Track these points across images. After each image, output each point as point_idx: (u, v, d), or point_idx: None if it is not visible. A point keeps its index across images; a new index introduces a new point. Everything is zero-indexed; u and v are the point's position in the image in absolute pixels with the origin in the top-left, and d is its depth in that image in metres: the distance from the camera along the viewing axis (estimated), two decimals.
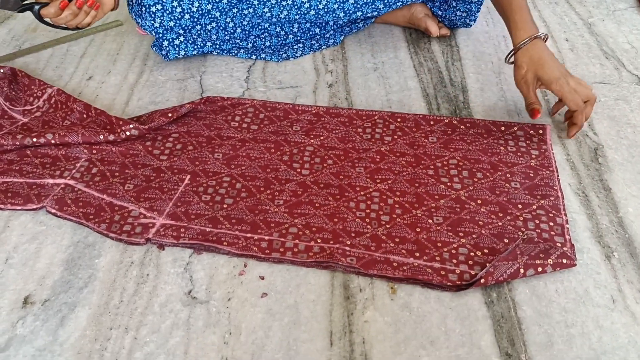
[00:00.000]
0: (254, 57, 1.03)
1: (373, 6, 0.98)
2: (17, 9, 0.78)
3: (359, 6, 0.98)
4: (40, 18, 0.80)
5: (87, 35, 1.10)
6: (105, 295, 0.64)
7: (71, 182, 0.76)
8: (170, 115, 0.85)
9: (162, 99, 0.93)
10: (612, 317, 0.61)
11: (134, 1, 0.94)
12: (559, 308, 0.62)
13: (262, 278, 0.66)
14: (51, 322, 0.61)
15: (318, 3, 0.97)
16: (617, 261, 0.67)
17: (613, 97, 0.92)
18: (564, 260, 0.65)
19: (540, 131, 0.85)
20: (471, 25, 1.06)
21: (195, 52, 0.99)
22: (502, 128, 0.86)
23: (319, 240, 0.69)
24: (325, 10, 0.98)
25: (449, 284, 0.64)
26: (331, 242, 0.69)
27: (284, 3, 0.96)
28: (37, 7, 0.78)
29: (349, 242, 0.69)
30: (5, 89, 0.88)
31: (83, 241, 0.70)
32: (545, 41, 0.83)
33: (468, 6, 1.03)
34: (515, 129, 0.85)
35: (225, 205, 0.74)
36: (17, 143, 0.80)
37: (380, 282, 0.65)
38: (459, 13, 1.04)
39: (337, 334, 0.60)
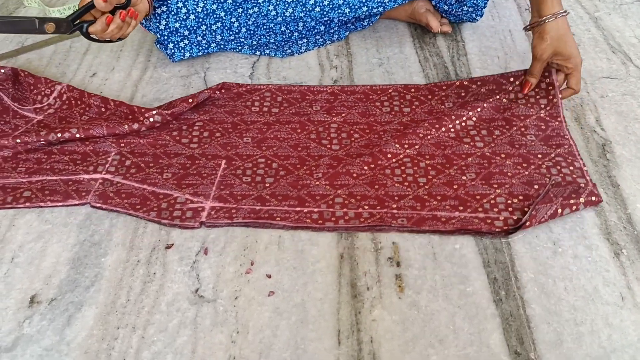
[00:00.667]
0: (257, 52, 1.02)
1: (378, 1, 0.97)
2: (69, 31, 0.80)
3: (364, 1, 0.97)
4: (87, 35, 0.81)
5: None
6: (112, 294, 0.64)
7: (108, 176, 0.77)
8: (190, 101, 0.87)
9: (167, 96, 0.93)
10: (621, 314, 0.61)
11: None
12: (568, 306, 0.62)
13: (269, 276, 0.65)
14: (58, 322, 0.61)
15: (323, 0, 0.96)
16: (626, 258, 0.67)
17: (620, 92, 0.92)
18: (593, 198, 0.71)
19: (546, 73, 0.87)
20: (477, 20, 1.06)
21: (200, 54, 0.99)
22: (511, 79, 0.89)
23: (366, 207, 0.72)
24: (331, 6, 0.97)
25: (497, 230, 0.69)
26: (378, 207, 0.72)
27: (289, 0, 0.95)
28: (85, 25, 0.80)
29: (394, 206, 0.72)
30: (10, 90, 0.88)
31: (89, 240, 0.70)
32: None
33: (475, 1, 1.02)
34: (523, 77, 0.88)
35: (267, 185, 0.76)
36: (42, 140, 0.80)
37: (388, 280, 0.65)
38: (465, 8, 1.03)
39: (345, 333, 0.60)
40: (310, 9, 0.97)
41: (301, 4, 0.96)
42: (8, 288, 0.65)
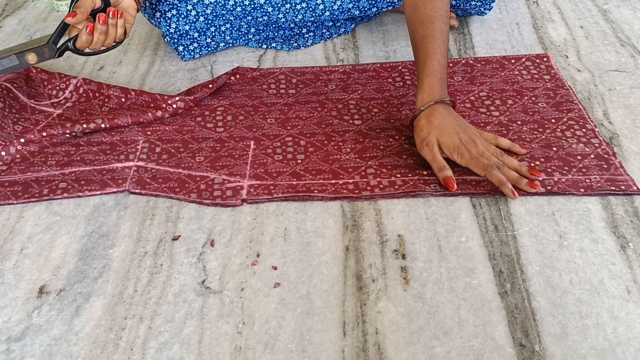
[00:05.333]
0: (264, 46, 1.02)
1: (388, 1, 0.97)
2: (55, 55, 0.76)
3: (373, 2, 0.97)
4: (78, 52, 0.78)
5: None
6: (119, 285, 0.64)
7: (141, 163, 0.78)
8: (210, 86, 0.89)
9: (174, 89, 0.93)
10: (627, 307, 0.61)
11: (147, 4, 0.94)
12: (573, 299, 0.62)
13: (275, 268, 0.66)
14: (66, 312, 0.62)
15: (332, 4, 0.96)
16: (633, 252, 0.66)
17: (628, 86, 0.91)
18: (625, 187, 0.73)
19: (545, 59, 0.96)
20: (486, 14, 1.05)
21: (209, 53, 1.00)
22: (512, 61, 0.96)
23: (398, 175, 0.75)
24: (340, 10, 0.97)
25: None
26: (410, 175, 0.75)
27: (298, 7, 0.95)
28: (70, 43, 0.76)
29: (425, 173, 0.75)
30: (24, 87, 0.88)
31: (97, 231, 0.70)
32: (454, 107, 0.77)
33: None
34: (524, 60, 0.95)
35: (299, 161, 0.78)
36: (68, 132, 0.81)
37: (393, 273, 0.65)
38: (473, 3, 1.03)
39: (350, 324, 0.60)
40: (320, 14, 0.97)
41: (310, 9, 0.96)
42: (17, 279, 0.65)
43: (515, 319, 0.60)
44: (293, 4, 0.95)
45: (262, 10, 0.95)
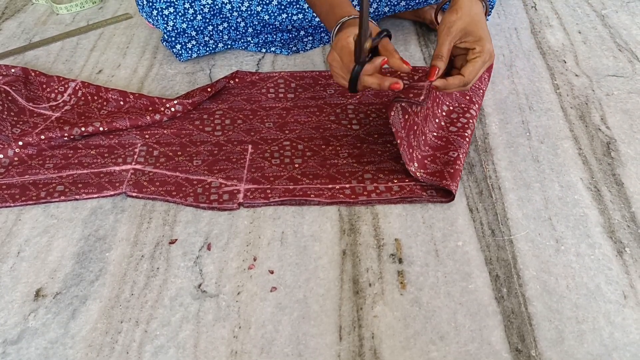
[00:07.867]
0: (264, 50, 1.02)
1: (381, 13, 0.97)
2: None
3: (378, 14, 0.97)
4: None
5: (97, 29, 1.10)
6: (116, 288, 0.64)
7: (138, 166, 0.78)
8: (209, 90, 0.89)
9: (172, 93, 0.93)
10: (623, 313, 0.61)
11: (144, 2, 0.94)
12: (570, 304, 0.62)
13: (272, 272, 0.66)
14: (63, 315, 0.62)
15: None
16: (629, 257, 0.66)
17: (626, 90, 0.91)
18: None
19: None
20: None
21: (207, 53, 1.00)
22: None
23: (395, 181, 0.75)
24: None
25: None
26: (407, 180, 0.75)
27: (294, 18, 0.95)
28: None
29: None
30: (23, 90, 0.88)
31: (94, 234, 0.70)
32: (486, 14, 0.77)
33: None
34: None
35: (296, 165, 0.78)
36: (66, 135, 0.81)
37: (390, 277, 0.65)
38: None
39: (347, 329, 0.60)
40: (317, 23, 0.97)
41: (307, 20, 0.97)
42: (14, 282, 0.65)
43: (511, 323, 0.60)
44: (289, 15, 0.95)
45: (258, 17, 0.95)
